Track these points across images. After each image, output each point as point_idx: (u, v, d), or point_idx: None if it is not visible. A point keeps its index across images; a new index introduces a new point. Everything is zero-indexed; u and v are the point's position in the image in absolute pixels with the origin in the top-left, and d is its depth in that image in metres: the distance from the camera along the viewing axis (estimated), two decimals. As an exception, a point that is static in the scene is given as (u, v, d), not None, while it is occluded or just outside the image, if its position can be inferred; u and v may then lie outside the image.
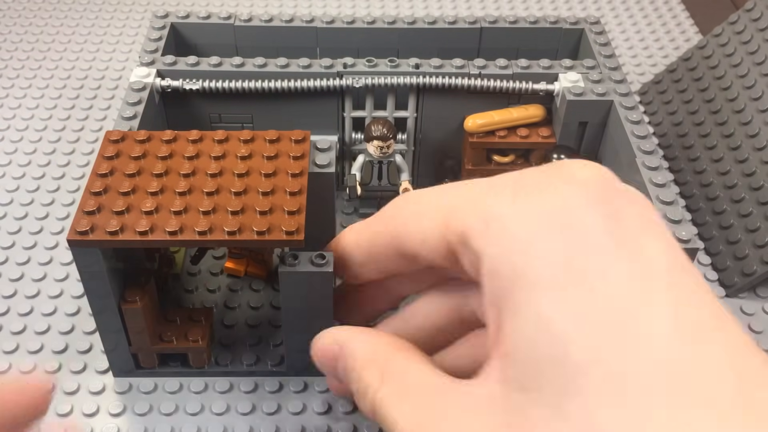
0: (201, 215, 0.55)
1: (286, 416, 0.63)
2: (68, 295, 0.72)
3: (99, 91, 0.97)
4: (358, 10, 1.12)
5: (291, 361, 0.64)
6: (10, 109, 0.94)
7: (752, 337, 0.72)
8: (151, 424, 0.62)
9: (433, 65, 0.74)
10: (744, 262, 0.73)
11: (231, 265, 0.71)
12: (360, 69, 0.73)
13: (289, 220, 0.55)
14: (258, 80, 0.72)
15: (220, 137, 0.61)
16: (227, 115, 0.75)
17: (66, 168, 0.86)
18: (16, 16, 1.10)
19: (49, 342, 0.68)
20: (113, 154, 0.59)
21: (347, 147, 0.78)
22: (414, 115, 0.76)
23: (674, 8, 1.15)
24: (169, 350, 0.63)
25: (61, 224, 0.79)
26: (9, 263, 0.75)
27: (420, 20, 0.81)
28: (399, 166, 0.75)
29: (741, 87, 0.82)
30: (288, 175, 0.59)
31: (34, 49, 1.04)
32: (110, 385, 0.65)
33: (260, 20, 0.80)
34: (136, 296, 0.59)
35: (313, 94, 0.74)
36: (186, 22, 0.80)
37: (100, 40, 1.06)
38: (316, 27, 0.80)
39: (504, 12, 1.13)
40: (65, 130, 0.91)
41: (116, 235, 0.54)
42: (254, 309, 0.70)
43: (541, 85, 0.73)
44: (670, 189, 0.61)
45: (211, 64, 0.73)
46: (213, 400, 0.64)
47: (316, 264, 0.56)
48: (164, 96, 0.73)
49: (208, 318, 0.64)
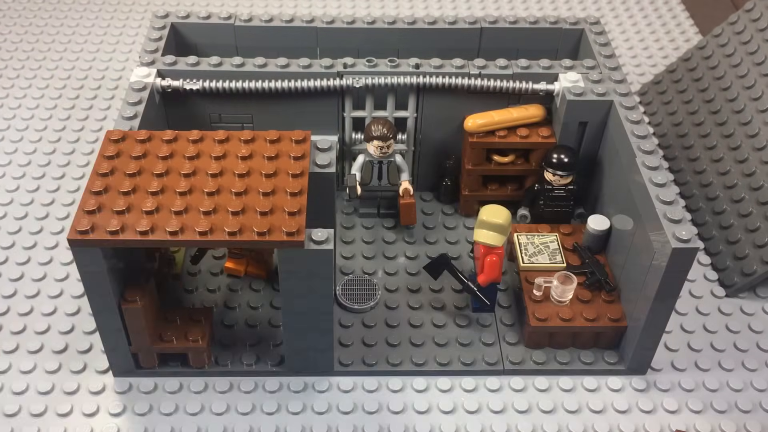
0: (201, 215, 0.55)
1: (286, 416, 0.63)
2: (68, 295, 0.72)
3: (99, 91, 0.97)
4: (358, 10, 1.12)
5: (291, 361, 0.64)
6: (10, 109, 0.94)
7: (752, 337, 0.72)
8: (151, 424, 0.62)
9: (433, 65, 0.74)
10: (744, 262, 0.73)
11: (231, 265, 0.71)
12: (360, 69, 0.73)
13: (290, 221, 0.55)
14: (258, 80, 0.72)
15: (220, 137, 0.61)
16: (227, 115, 0.75)
17: (66, 168, 0.86)
18: (16, 16, 1.10)
19: (49, 342, 0.68)
20: (114, 153, 0.59)
21: (347, 147, 0.78)
22: (414, 115, 0.76)
23: (674, 8, 1.15)
24: (169, 350, 0.63)
25: (61, 224, 0.79)
26: (9, 263, 0.75)
27: (420, 20, 0.81)
28: (399, 166, 0.75)
29: (741, 87, 0.82)
30: (288, 175, 0.59)
31: (34, 49, 1.04)
32: (110, 385, 0.65)
33: (260, 20, 0.80)
34: (136, 296, 0.59)
35: (313, 94, 0.74)
36: (186, 22, 0.80)
37: (100, 40, 1.06)
38: (316, 27, 0.80)
39: (504, 12, 1.13)
40: (65, 130, 0.91)
41: (117, 235, 0.54)
42: (254, 309, 0.70)
43: (541, 85, 0.73)
44: (670, 189, 0.61)
45: (211, 64, 0.73)
46: (213, 400, 0.64)
47: (316, 242, 0.56)
48: (164, 96, 0.73)
49: (208, 318, 0.64)
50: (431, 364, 0.66)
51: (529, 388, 0.65)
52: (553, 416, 0.63)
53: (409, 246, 0.77)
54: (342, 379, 0.65)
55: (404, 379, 0.65)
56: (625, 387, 0.66)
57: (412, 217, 0.76)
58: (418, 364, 0.66)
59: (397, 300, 0.71)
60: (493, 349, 0.67)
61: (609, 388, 0.65)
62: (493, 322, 0.69)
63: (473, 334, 0.68)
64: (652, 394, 0.65)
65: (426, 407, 0.63)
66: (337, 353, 0.66)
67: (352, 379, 0.65)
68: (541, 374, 0.66)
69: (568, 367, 0.66)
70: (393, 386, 0.65)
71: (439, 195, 0.81)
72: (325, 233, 0.57)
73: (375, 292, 0.71)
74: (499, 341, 0.68)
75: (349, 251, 0.76)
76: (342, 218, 0.80)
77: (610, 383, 0.65)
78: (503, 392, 0.65)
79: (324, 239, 0.56)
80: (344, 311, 0.70)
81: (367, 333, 0.69)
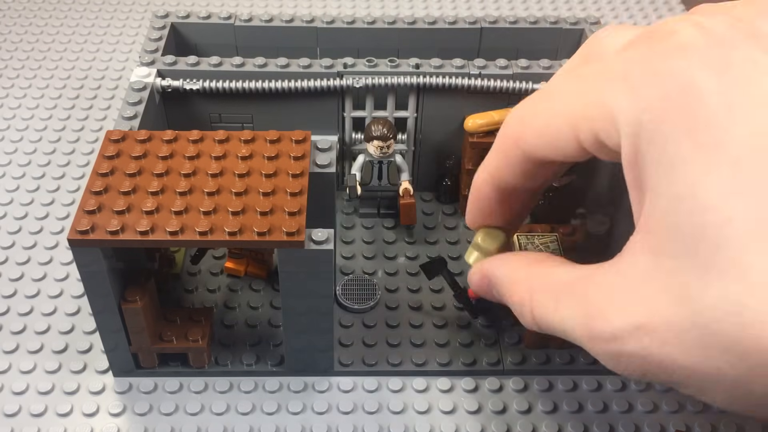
0: (202, 215, 0.55)
1: (286, 416, 0.63)
2: (68, 295, 0.72)
3: (99, 91, 0.97)
4: (358, 10, 1.12)
5: (291, 361, 0.64)
6: (10, 109, 0.94)
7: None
8: (151, 424, 0.62)
9: (433, 65, 0.74)
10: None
11: (231, 265, 0.71)
12: (360, 69, 0.73)
13: (290, 221, 0.55)
14: (258, 80, 0.72)
15: (220, 137, 0.61)
16: (227, 115, 0.75)
17: (66, 168, 0.86)
18: (16, 16, 1.10)
19: (49, 342, 0.68)
20: (114, 153, 0.59)
21: (347, 147, 0.78)
22: (414, 115, 0.76)
23: (674, 8, 1.15)
24: (169, 350, 0.63)
25: (61, 224, 0.79)
26: (9, 263, 0.75)
27: (420, 20, 0.81)
28: (399, 166, 0.75)
29: (741, 87, 0.82)
30: (289, 175, 0.59)
31: (34, 49, 1.04)
32: (110, 385, 0.65)
33: (260, 20, 0.80)
34: (136, 296, 0.59)
35: (313, 94, 0.74)
36: (186, 22, 0.80)
37: (100, 40, 1.06)
38: (317, 27, 0.80)
39: (504, 12, 1.13)
40: (65, 130, 0.91)
41: (117, 235, 0.54)
42: (254, 309, 0.70)
43: (541, 85, 0.73)
44: (670, 189, 0.61)
45: (211, 64, 0.73)
46: (213, 400, 0.64)
47: (316, 242, 0.56)
48: (164, 96, 0.73)
49: (208, 318, 0.64)
50: (431, 365, 0.66)
51: (529, 388, 0.65)
52: (553, 416, 0.63)
53: (409, 246, 0.77)
54: (342, 379, 0.65)
55: (404, 380, 0.65)
56: (625, 387, 0.66)
57: (412, 217, 0.76)
58: (418, 365, 0.66)
59: (397, 300, 0.71)
60: (493, 349, 0.67)
61: (609, 388, 0.65)
62: (493, 323, 0.69)
63: (473, 334, 0.68)
64: (652, 394, 0.65)
65: (426, 407, 0.63)
66: (337, 353, 0.66)
67: (352, 379, 0.65)
68: (541, 374, 0.66)
69: (568, 368, 0.66)
70: (393, 386, 0.65)
71: (439, 195, 0.81)
72: (325, 233, 0.57)
73: (375, 292, 0.71)
74: (499, 342, 0.68)
75: (349, 251, 0.76)
76: (342, 218, 0.80)
77: (609, 383, 0.66)
78: (503, 392, 0.65)
79: (324, 239, 0.56)
80: (344, 311, 0.70)
81: (367, 333, 0.68)
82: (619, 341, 0.41)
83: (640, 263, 0.40)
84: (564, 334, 0.45)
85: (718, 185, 0.36)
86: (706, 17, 0.41)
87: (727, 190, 0.36)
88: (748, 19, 0.40)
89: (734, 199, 0.36)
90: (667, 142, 0.38)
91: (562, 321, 0.45)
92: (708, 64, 0.38)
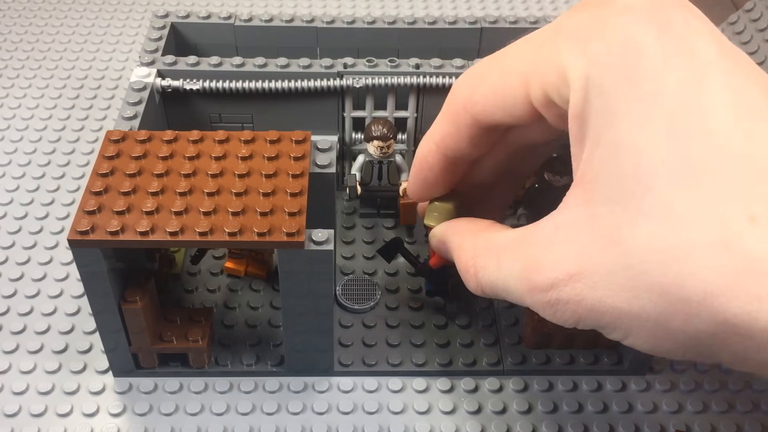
0: (202, 216, 0.55)
1: (286, 416, 0.63)
2: (68, 295, 0.72)
3: (99, 91, 0.97)
4: (358, 10, 1.12)
5: (291, 361, 0.64)
6: (10, 109, 0.94)
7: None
8: (151, 424, 0.62)
9: (433, 65, 0.74)
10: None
11: (231, 265, 0.71)
12: (360, 69, 0.73)
13: (290, 222, 0.55)
14: (258, 80, 0.72)
15: (220, 137, 0.61)
16: (227, 115, 0.75)
17: (66, 168, 0.86)
18: (16, 16, 1.10)
19: (49, 342, 0.68)
20: (114, 153, 0.59)
21: (347, 147, 0.78)
22: (414, 115, 0.76)
23: (674, 8, 1.15)
24: (169, 350, 0.63)
25: (61, 224, 0.79)
26: (9, 263, 0.75)
27: (420, 20, 0.81)
28: (399, 166, 0.75)
29: (741, 87, 0.82)
30: (289, 176, 0.59)
31: (34, 49, 1.04)
32: (110, 385, 0.65)
33: (260, 20, 0.80)
34: (136, 296, 0.59)
35: (313, 94, 0.74)
36: (186, 22, 0.80)
37: (100, 40, 1.06)
38: (317, 27, 0.80)
39: (504, 12, 1.13)
40: (65, 130, 0.91)
41: (117, 235, 0.54)
42: (254, 309, 0.70)
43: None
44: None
45: (211, 64, 0.73)
46: (213, 400, 0.64)
47: (316, 242, 0.56)
48: (164, 96, 0.73)
49: (208, 318, 0.64)
50: (431, 365, 0.66)
51: (529, 388, 0.65)
52: (553, 416, 0.63)
53: (409, 246, 0.77)
54: (342, 380, 0.65)
55: (404, 380, 0.65)
56: (625, 387, 0.66)
57: (412, 217, 0.76)
58: (418, 365, 0.66)
59: (397, 300, 0.71)
60: (493, 349, 0.67)
61: (609, 388, 0.65)
62: (493, 323, 0.69)
63: (473, 334, 0.68)
64: (652, 394, 0.65)
65: (426, 408, 0.63)
66: (337, 353, 0.66)
67: (352, 380, 0.65)
68: (541, 374, 0.66)
69: (568, 368, 0.66)
70: (393, 387, 0.65)
71: (439, 195, 0.81)
72: (325, 233, 0.57)
73: (375, 292, 0.71)
74: (499, 342, 0.68)
75: (349, 251, 0.76)
76: (342, 218, 0.80)
77: (610, 384, 0.66)
78: (503, 393, 0.65)
79: (324, 240, 0.56)
80: (344, 311, 0.70)
81: (367, 333, 0.69)
82: (554, 290, 0.42)
83: (575, 213, 0.42)
84: (507, 293, 0.47)
85: (653, 133, 0.38)
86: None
87: (661, 136, 0.38)
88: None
89: (665, 144, 0.38)
90: (611, 93, 0.40)
91: (504, 280, 0.46)
92: (650, 21, 0.41)
